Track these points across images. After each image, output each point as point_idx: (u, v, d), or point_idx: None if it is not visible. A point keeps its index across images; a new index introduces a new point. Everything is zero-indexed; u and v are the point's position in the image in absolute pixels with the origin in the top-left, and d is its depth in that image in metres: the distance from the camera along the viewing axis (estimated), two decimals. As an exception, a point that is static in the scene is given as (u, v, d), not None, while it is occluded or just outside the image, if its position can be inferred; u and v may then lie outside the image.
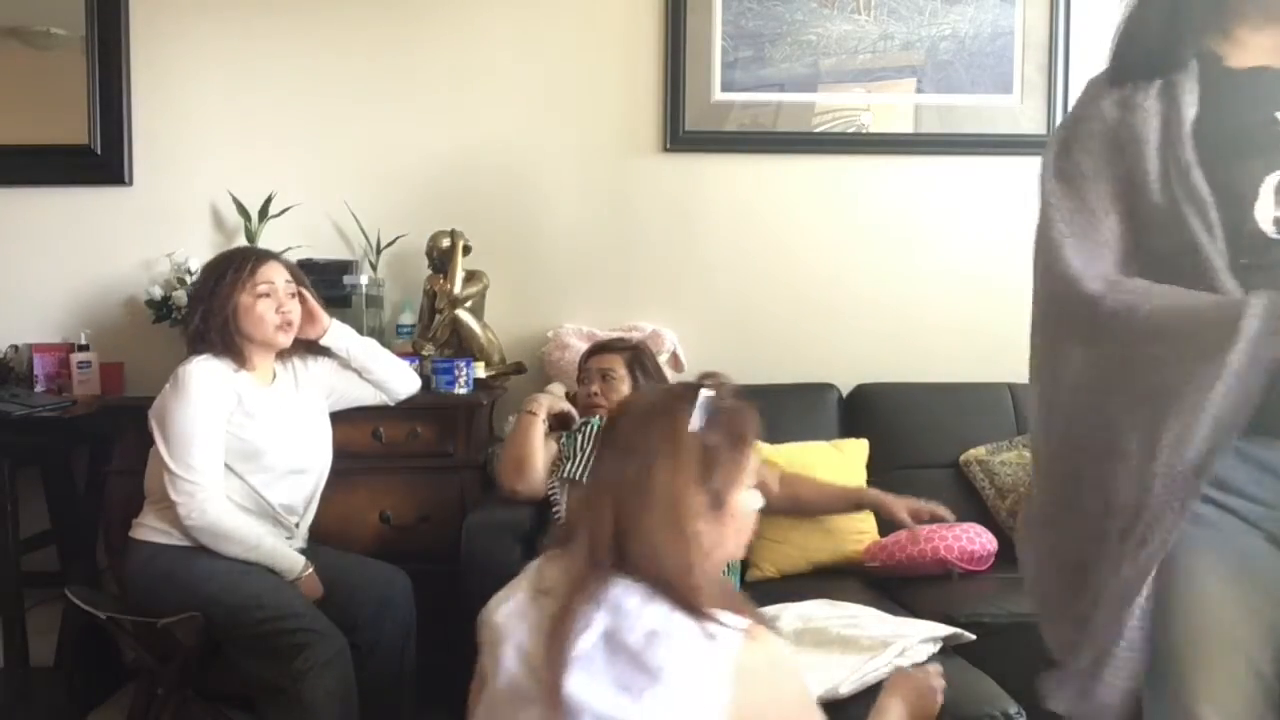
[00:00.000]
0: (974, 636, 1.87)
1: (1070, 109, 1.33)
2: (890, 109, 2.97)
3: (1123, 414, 1.13)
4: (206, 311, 2.16)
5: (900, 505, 2.30)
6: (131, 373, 2.81)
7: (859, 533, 2.48)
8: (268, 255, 2.28)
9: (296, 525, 2.23)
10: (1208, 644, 1.13)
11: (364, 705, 2.08)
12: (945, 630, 1.86)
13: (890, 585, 2.40)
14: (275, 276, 2.22)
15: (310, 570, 2.14)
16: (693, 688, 1.09)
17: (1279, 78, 1.18)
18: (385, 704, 2.19)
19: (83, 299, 2.89)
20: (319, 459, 2.27)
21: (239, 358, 2.17)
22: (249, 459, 2.12)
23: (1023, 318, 3.29)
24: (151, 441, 2.12)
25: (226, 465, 2.11)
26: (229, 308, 2.16)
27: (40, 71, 2.90)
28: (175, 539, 2.07)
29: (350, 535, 2.41)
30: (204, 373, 2.11)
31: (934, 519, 2.30)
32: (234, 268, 2.20)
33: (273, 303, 2.20)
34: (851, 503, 2.41)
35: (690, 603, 1.11)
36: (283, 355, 2.29)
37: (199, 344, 2.17)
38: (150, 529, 2.11)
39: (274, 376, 2.26)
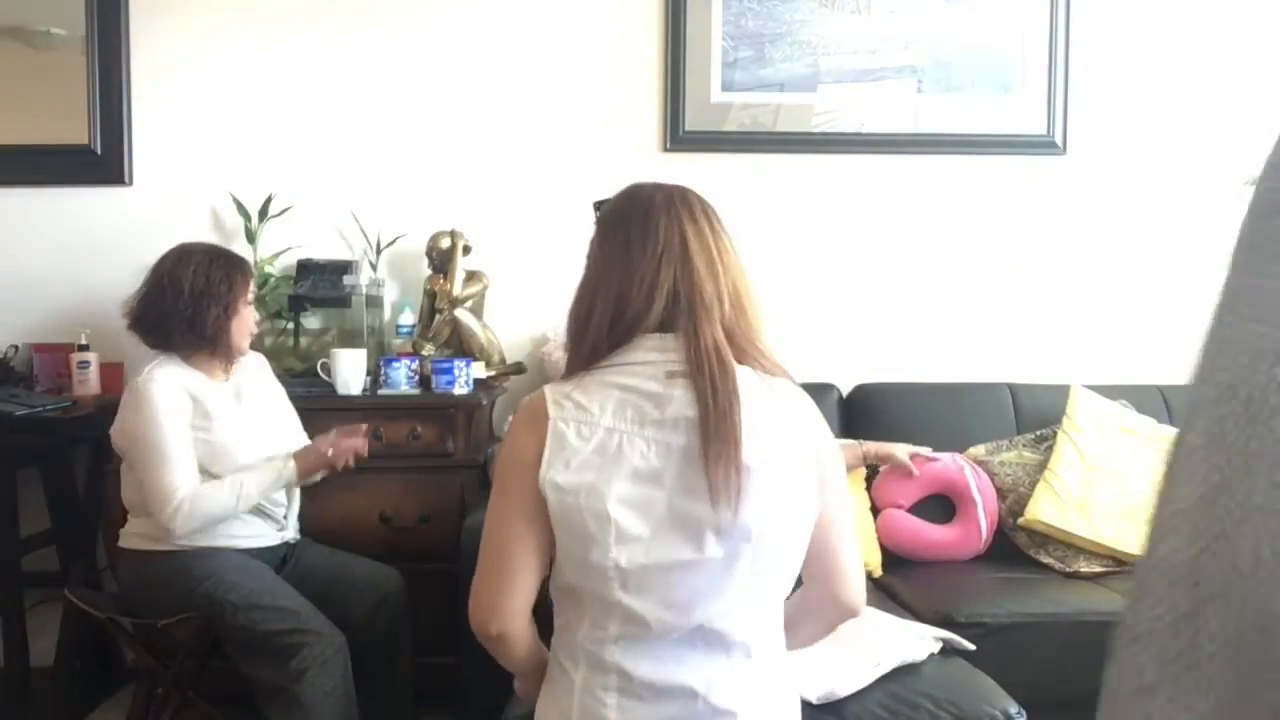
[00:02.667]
0: (973, 647, 1.87)
1: None
2: (890, 109, 2.97)
3: None
4: (208, 305, 2.14)
5: (901, 450, 2.48)
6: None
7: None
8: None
9: (285, 516, 2.24)
10: None
11: (360, 704, 2.07)
12: (944, 634, 1.86)
13: (890, 585, 2.41)
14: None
15: (292, 461, 2.14)
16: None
17: None
18: (382, 703, 2.19)
19: (83, 299, 2.89)
20: (290, 444, 2.26)
21: (200, 359, 2.18)
22: (222, 459, 2.11)
23: (1022, 317, 3.30)
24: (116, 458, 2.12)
25: (203, 469, 2.10)
26: (233, 311, 2.16)
27: (40, 71, 2.90)
28: (166, 544, 2.07)
29: (350, 535, 2.40)
30: (161, 382, 2.10)
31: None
32: (241, 271, 2.22)
33: (253, 313, 2.26)
34: (857, 459, 2.43)
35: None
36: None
37: (177, 336, 2.14)
38: (140, 537, 2.11)
39: (227, 373, 2.26)
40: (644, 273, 1.23)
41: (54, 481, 2.75)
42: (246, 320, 2.22)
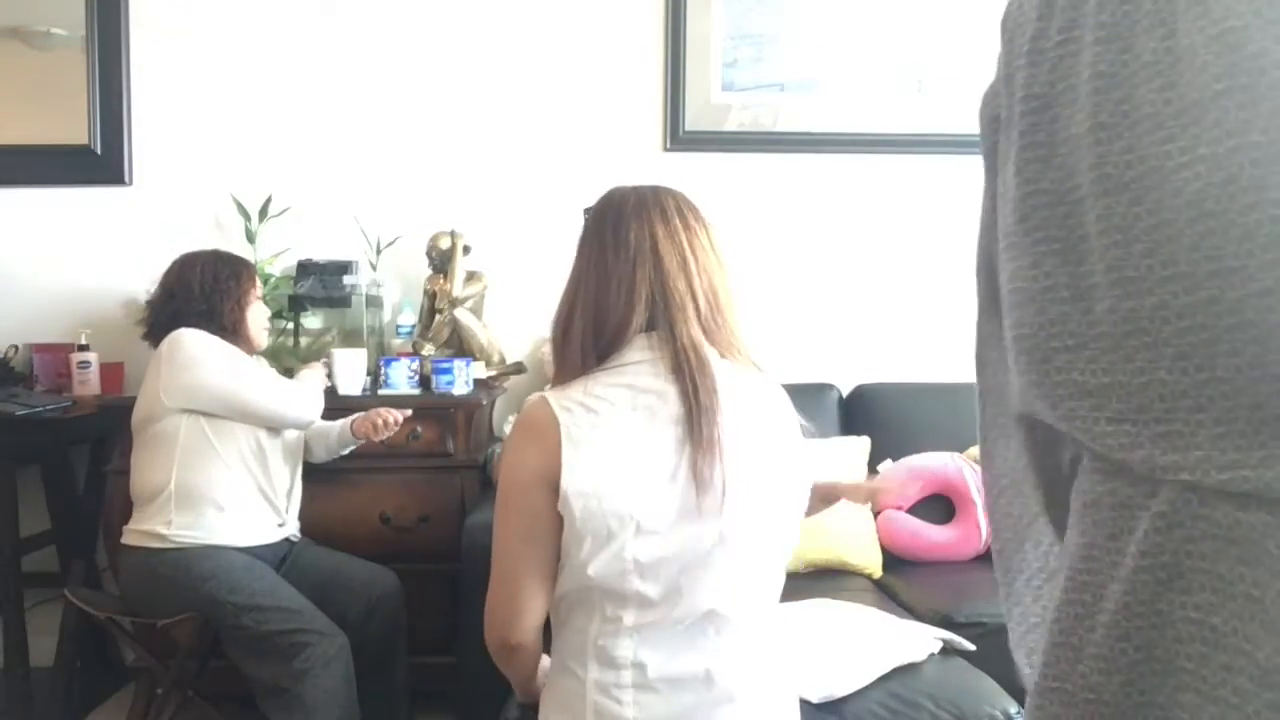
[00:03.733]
0: (973, 647, 1.87)
1: None
2: (890, 109, 2.97)
3: None
4: (221, 300, 2.18)
5: (856, 492, 2.14)
6: (131, 373, 2.81)
7: (854, 534, 2.49)
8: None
9: (286, 511, 2.24)
10: None
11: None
12: (944, 634, 1.86)
13: (890, 585, 2.41)
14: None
15: (312, 369, 2.38)
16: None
17: None
18: (377, 705, 2.19)
19: (83, 299, 2.89)
20: (292, 436, 2.29)
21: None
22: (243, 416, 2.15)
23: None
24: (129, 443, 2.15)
25: (225, 416, 2.13)
26: (245, 303, 2.22)
27: (40, 71, 2.90)
28: (168, 543, 2.06)
29: (350, 535, 2.40)
30: (193, 330, 2.14)
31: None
32: (246, 267, 2.27)
33: (263, 308, 2.31)
34: (820, 499, 2.30)
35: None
36: None
37: (201, 325, 2.17)
38: (142, 534, 2.10)
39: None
40: (620, 278, 1.27)
41: (54, 481, 2.75)
42: (259, 314, 2.27)
